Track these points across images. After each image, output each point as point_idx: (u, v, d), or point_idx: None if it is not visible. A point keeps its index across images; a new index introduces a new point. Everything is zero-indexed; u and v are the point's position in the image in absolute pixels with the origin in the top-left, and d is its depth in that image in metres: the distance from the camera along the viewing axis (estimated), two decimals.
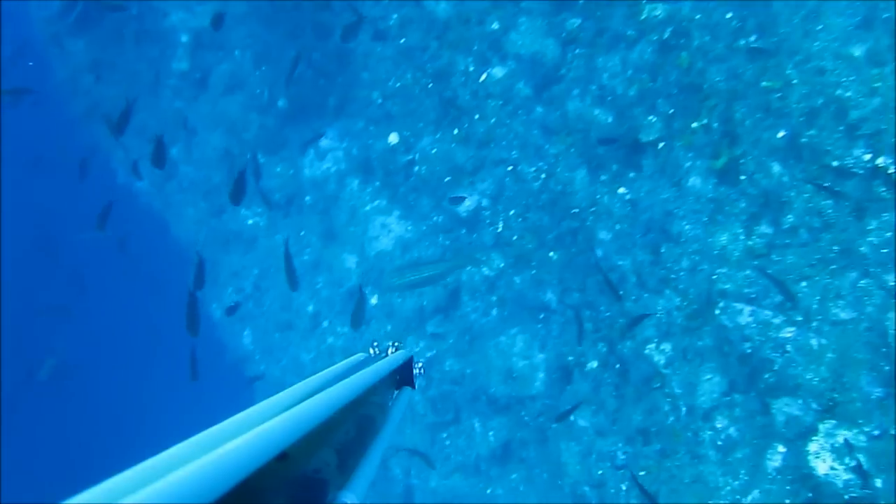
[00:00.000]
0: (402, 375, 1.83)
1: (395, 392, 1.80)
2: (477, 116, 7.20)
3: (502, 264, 7.35)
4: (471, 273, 7.52)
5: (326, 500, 1.11)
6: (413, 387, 1.86)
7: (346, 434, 1.29)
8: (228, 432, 0.87)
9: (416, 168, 7.64)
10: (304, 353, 8.83)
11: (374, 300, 8.21)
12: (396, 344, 1.90)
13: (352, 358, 1.72)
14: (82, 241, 11.43)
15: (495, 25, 7.04)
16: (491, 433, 7.33)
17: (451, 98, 7.34)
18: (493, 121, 7.11)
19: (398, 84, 7.71)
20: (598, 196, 6.61)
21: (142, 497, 0.60)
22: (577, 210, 6.72)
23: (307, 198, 8.53)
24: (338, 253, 8.32)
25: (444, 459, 7.72)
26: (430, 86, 7.46)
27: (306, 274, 8.68)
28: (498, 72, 7.06)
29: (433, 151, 7.51)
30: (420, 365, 1.93)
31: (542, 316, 7.15)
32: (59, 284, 13.71)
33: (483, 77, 7.13)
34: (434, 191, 7.60)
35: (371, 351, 1.87)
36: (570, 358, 6.88)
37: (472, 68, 7.21)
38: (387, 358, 1.76)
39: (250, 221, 9.08)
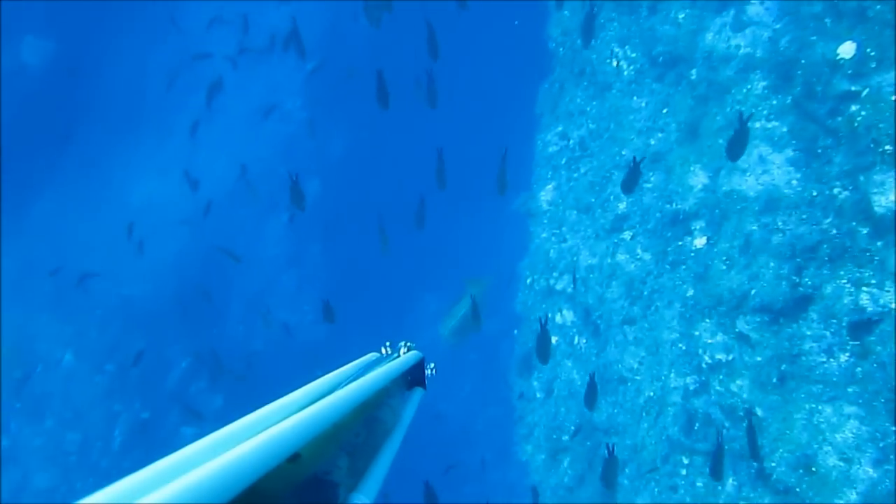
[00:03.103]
0: (414, 377, 2.28)
1: (407, 393, 2.24)
2: None
3: None
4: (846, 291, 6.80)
5: (337, 502, 1.39)
6: (425, 388, 2.32)
7: (357, 436, 1.61)
8: (241, 434, 1.10)
9: (854, 109, 6.72)
10: (587, 252, 9.30)
11: (700, 242, 8.07)
12: (409, 345, 2.34)
13: (363, 358, 2.12)
14: None
15: None
16: None
17: None
18: None
19: None
20: None
21: (156, 498, 0.78)
22: None
23: (693, 71, 8.26)
24: (689, 160, 8.13)
25: (669, 488, 7.90)
26: None
27: (644, 163, 8.77)
28: None
29: (892, 98, 6.46)
30: (432, 366, 2.38)
31: None
32: None
33: None
34: (860, 154, 6.70)
35: (383, 351, 2.31)
36: None
37: None
38: (398, 359, 2.20)
39: (615, 63, 9.25)
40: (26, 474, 13.72)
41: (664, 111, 8.64)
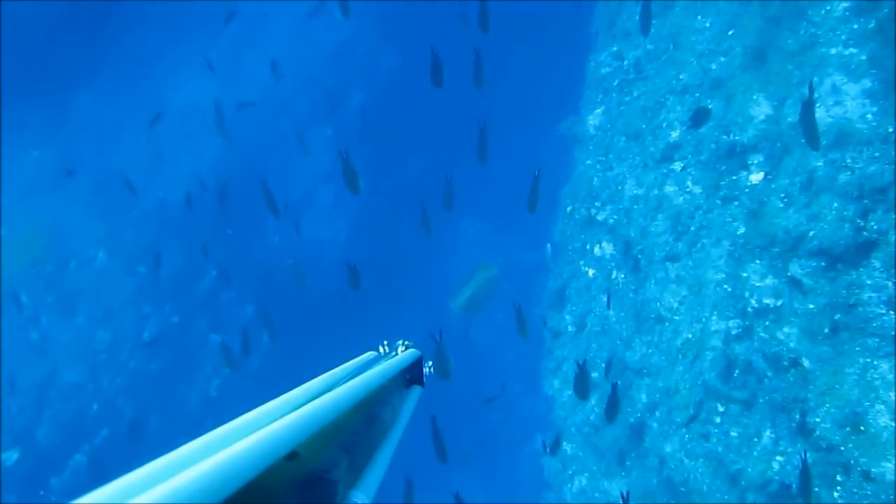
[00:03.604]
0: (412, 374, 2.30)
1: (405, 391, 2.24)
2: None
3: None
4: None
5: (336, 500, 1.38)
6: (423, 386, 2.33)
7: (355, 434, 1.60)
8: (238, 432, 1.10)
9: None
10: (633, 182, 8.71)
11: (756, 177, 7.46)
12: (406, 343, 2.36)
13: (361, 357, 2.11)
14: None
15: None
16: (778, 459, 6.76)
17: None
18: None
19: None
20: None
21: (152, 497, 0.78)
22: None
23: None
24: (752, 88, 7.44)
25: (701, 436, 7.54)
26: None
27: (700, 88, 8.12)
28: None
29: None
30: (430, 364, 2.41)
31: None
32: None
33: None
34: None
35: (381, 349, 2.31)
36: None
37: None
38: (396, 357, 2.22)
39: None
40: (55, 369, 13.89)
41: (730, 33, 7.93)
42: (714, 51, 8.05)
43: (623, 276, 9.16)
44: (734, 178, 7.64)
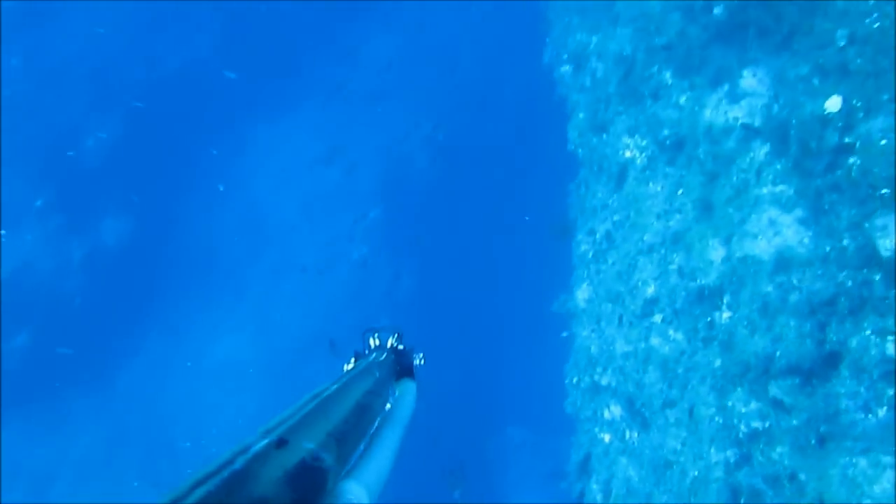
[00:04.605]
0: (403, 367, 2.49)
1: (397, 384, 2.42)
2: None
3: None
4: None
5: (327, 488, 1.45)
6: (413, 378, 2.50)
7: (345, 423, 1.68)
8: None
9: (850, 160, 6.86)
10: (622, 341, 9.35)
11: (728, 314, 8.06)
12: (396, 336, 2.57)
13: (353, 364, 2.35)
14: None
15: None
16: None
17: None
18: None
19: (877, 24, 6.84)
20: None
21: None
22: None
23: (700, 149, 8.57)
24: (706, 235, 8.28)
25: None
26: None
27: (663, 245, 8.96)
28: None
29: (882, 143, 6.60)
30: (421, 356, 2.59)
31: None
32: None
33: None
34: (862, 202, 6.77)
35: (371, 343, 2.54)
36: None
37: None
38: (386, 349, 2.45)
39: (628, 154, 9.65)
40: None
41: (679, 192, 8.90)
42: (669, 210, 8.98)
43: (636, 434, 9.47)
44: (709, 319, 8.24)
